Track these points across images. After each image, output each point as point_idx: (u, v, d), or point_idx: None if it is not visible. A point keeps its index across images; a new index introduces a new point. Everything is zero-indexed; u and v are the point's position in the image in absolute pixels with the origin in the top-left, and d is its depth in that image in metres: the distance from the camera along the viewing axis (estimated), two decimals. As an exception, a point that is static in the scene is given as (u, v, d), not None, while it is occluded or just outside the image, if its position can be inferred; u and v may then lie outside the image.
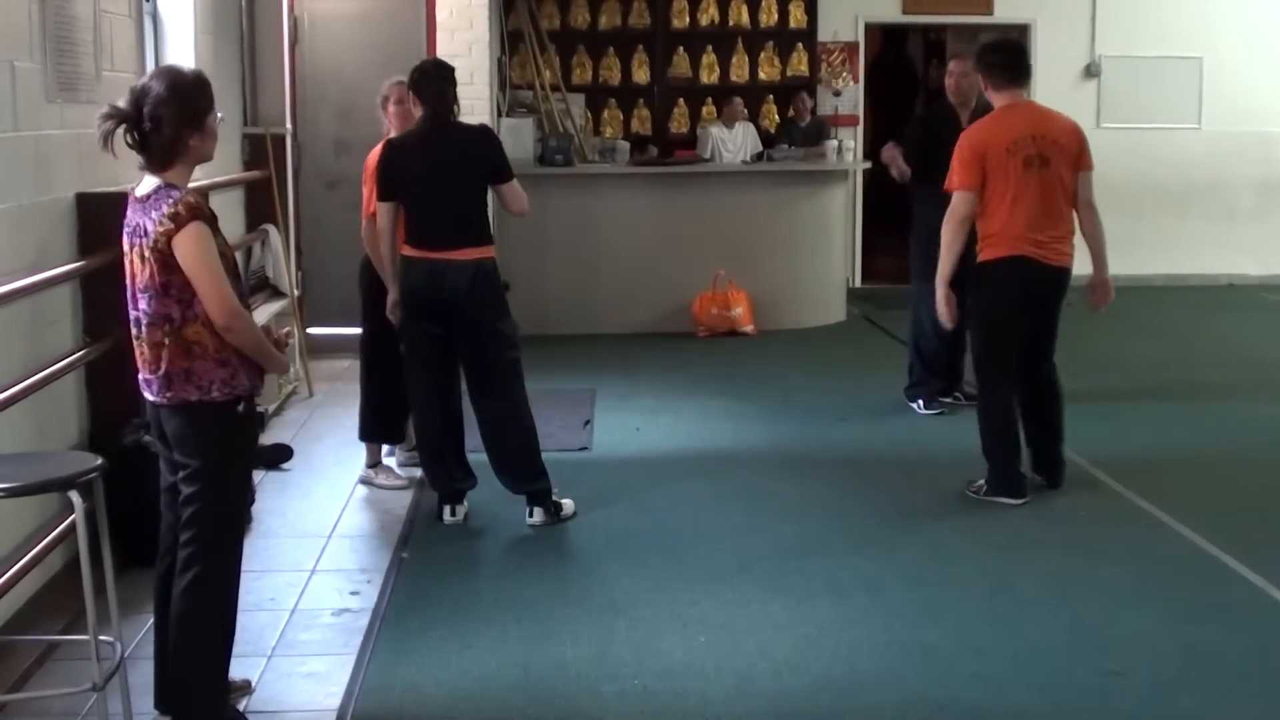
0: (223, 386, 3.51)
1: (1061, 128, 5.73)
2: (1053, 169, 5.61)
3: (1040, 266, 5.63)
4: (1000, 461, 5.77)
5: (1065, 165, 5.65)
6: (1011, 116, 5.72)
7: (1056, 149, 5.63)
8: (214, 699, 3.62)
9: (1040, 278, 5.66)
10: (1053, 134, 5.67)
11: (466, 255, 5.28)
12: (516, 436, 5.47)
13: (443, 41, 9.08)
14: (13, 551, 4.29)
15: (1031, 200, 5.59)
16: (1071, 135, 5.72)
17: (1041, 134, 5.64)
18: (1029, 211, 5.59)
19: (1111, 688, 3.96)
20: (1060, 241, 5.66)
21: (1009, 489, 5.73)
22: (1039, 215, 5.61)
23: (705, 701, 3.89)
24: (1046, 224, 5.62)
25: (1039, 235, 5.61)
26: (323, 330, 8.60)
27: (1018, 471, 5.76)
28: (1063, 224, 5.68)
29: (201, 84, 3.55)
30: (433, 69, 5.44)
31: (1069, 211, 5.71)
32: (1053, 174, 5.62)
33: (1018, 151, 5.59)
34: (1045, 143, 5.62)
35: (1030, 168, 5.58)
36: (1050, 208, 5.63)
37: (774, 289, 9.98)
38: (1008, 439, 5.78)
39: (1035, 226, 5.61)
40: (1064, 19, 12.37)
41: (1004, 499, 5.72)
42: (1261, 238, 12.73)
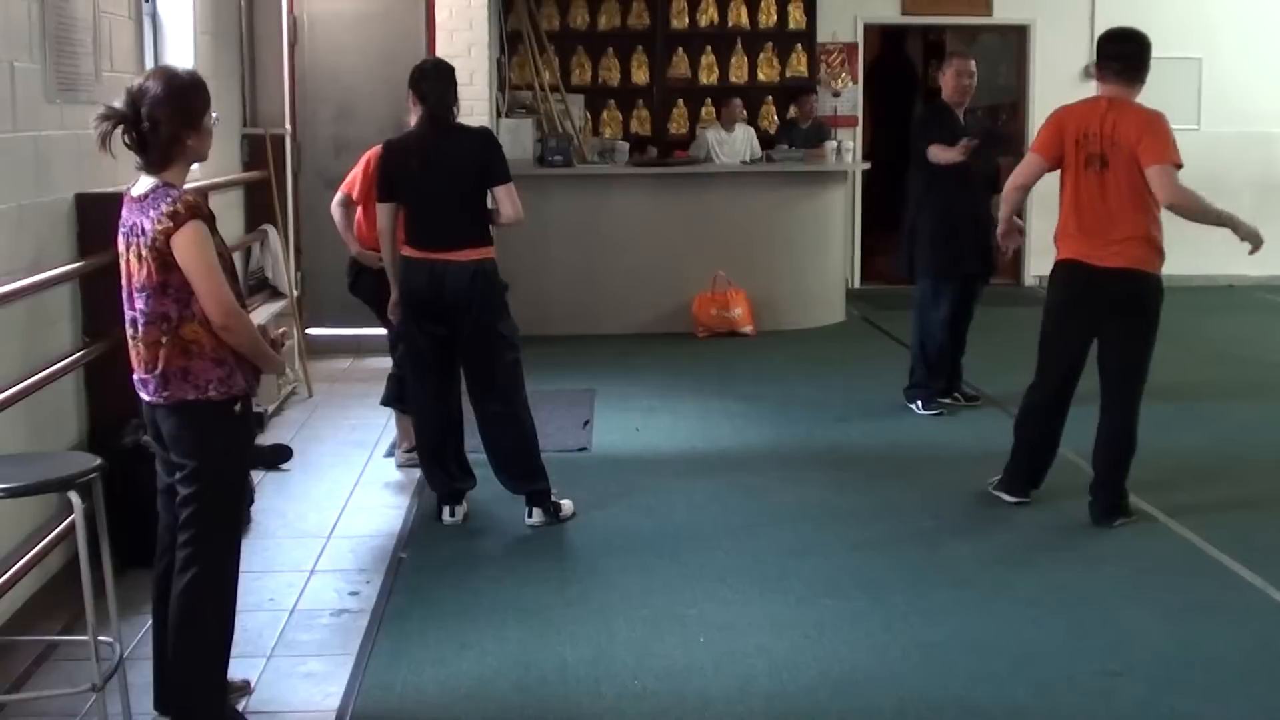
0: (220, 386, 3.51)
1: (1128, 126, 5.23)
2: (1112, 170, 5.24)
3: (1089, 270, 5.30)
4: (1014, 461, 5.74)
5: (1126, 167, 5.22)
6: (1091, 106, 5.38)
7: (1116, 150, 5.24)
8: (213, 699, 3.61)
9: (1087, 281, 5.33)
10: (1115, 133, 5.24)
11: (466, 256, 5.28)
12: (516, 437, 5.47)
13: (442, 42, 9.08)
14: (12, 552, 4.29)
15: (1089, 203, 5.30)
16: (1133, 133, 5.22)
17: (1107, 132, 5.25)
18: (1085, 214, 5.31)
19: (1111, 687, 3.96)
20: (1118, 244, 5.25)
21: (1008, 486, 5.73)
22: (1096, 218, 5.29)
23: (705, 701, 3.89)
24: (1105, 228, 5.27)
25: (1095, 238, 5.29)
26: (322, 331, 8.60)
27: (1023, 475, 5.71)
28: (1127, 228, 5.24)
29: (197, 84, 3.56)
30: (433, 69, 5.43)
31: (1139, 214, 5.25)
32: (1112, 176, 5.24)
33: (1082, 146, 5.30)
34: (1107, 142, 5.25)
35: (1090, 168, 5.29)
36: (1110, 212, 5.26)
37: (773, 289, 9.98)
38: (1028, 445, 5.69)
39: (1090, 230, 5.30)
40: (1063, 19, 12.37)
41: (1003, 494, 5.72)
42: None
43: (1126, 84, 5.37)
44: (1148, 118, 5.30)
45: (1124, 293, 5.31)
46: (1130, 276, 5.28)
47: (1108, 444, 5.48)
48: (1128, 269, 5.27)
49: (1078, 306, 5.43)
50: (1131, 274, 5.28)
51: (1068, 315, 5.47)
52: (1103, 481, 5.52)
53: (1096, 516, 5.49)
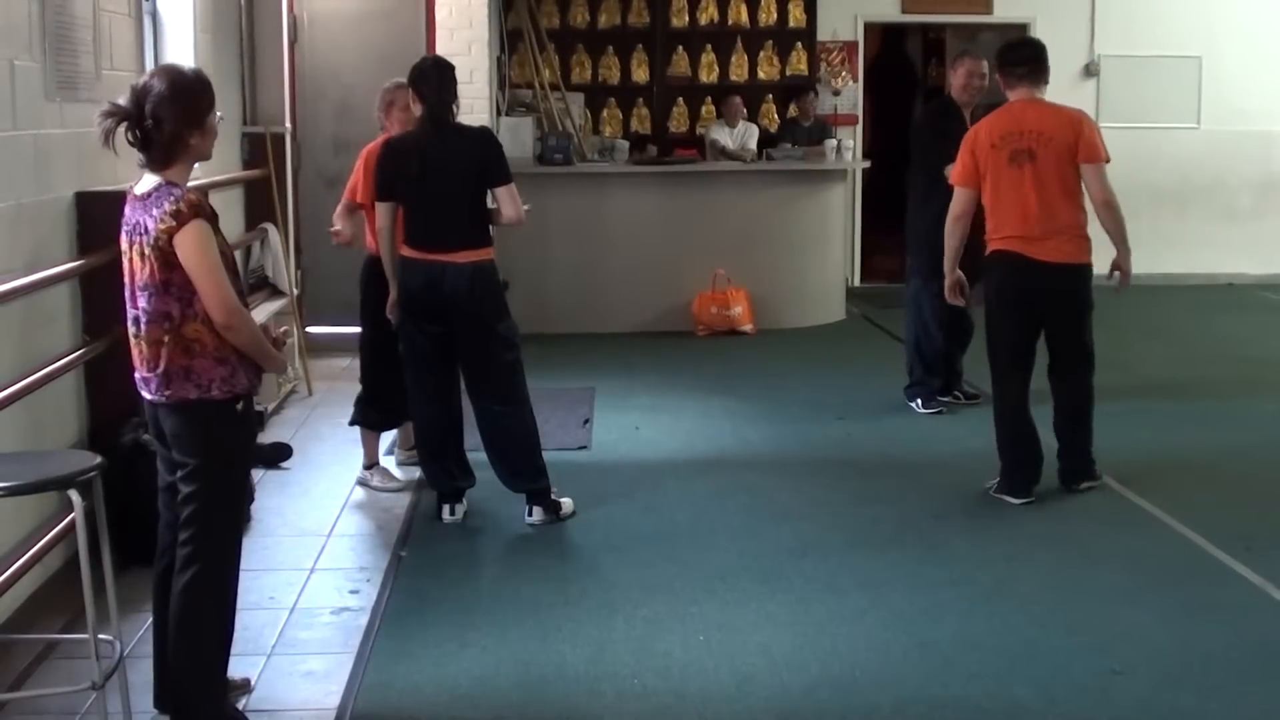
0: (222, 385, 3.51)
1: (1055, 120, 5.59)
2: (1041, 163, 5.52)
3: (1028, 263, 5.56)
4: (1005, 462, 5.77)
5: (1057, 158, 5.52)
6: (1005, 112, 5.72)
7: (1044, 142, 5.52)
8: (213, 697, 3.61)
9: (1028, 274, 5.58)
10: (1042, 127, 5.55)
11: (465, 257, 5.27)
12: (516, 436, 5.46)
13: (442, 40, 9.08)
14: (12, 550, 4.29)
15: (1018, 196, 5.55)
16: (1066, 127, 5.57)
17: (1030, 128, 5.55)
18: (1016, 207, 5.56)
19: (1111, 686, 3.96)
20: (1051, 238, 5.53)
21: (1009, 488, 5.74)
22: (1028, 211, 5.54)
23: (705, 700, 3.89)
24: (1036, 221, 5.53)
25: (1029, 231, 5.55)
26: (322, 329, 8.59)
27: (1020, 473, 5.73)
28: (1059, 220, 5.54)
29: (202, 83, 3.56)
30: (433, 68, 5.42)
31: (1072, 206, 5.57)
32: (1043, 168, 5.53)
33: (1004, 146, 5.59)
34: (1034, 137, 5.55)
35: (1016, 163, 5.55)
36: (1040, 204, 5.52)
37: (773, 288, 9.98)
38: (1014, 440, 5.75)
39: (1022, 223, 5.56)
40: (1063, 18, 12.37)
41: (1006, 497, 5.72)
42: (1261, 237, 12.73)
43: (1029, 85, 5.69)
44: (1075, 114, 5.68)
45: (1061, 286, 5.60)
46: (1068, 270, 5.58)
47: (1067, 407, 5.79)
48: (1067, 264, 5.57)
49: (1022, 299, 5.66)
50: (1068, 268, 5.57)
51: (1009, 309, 5.70)
52: (1068, 446, 5.82)
53: (1065, 480, 5.82)
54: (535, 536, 5.39)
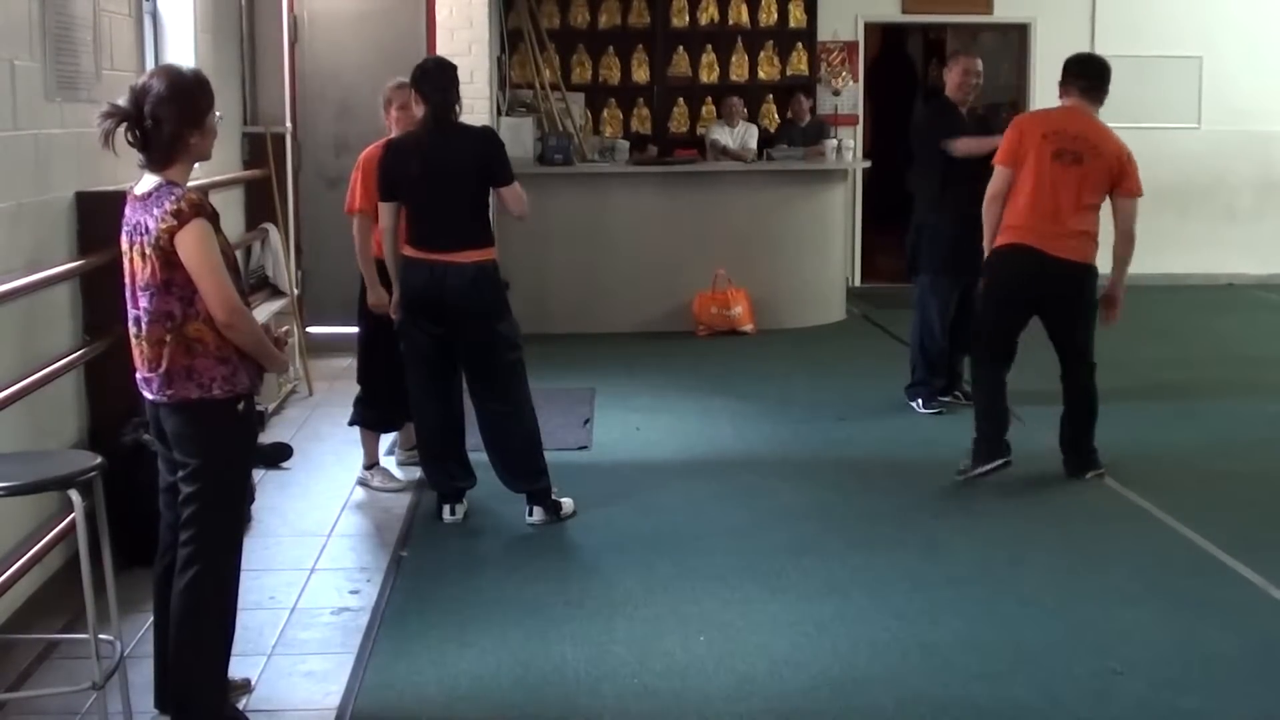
0: (223, 384, 3.51)
1: (1109, 142, 5.84)
2: (1085, 168, 5.75)
3: (1040, 256, 5.77)
4: (980, 431, 5.99)
5: (1101, 173, 5.77)
6: (1062, 112, 5.95)
7: (1096, 155, 5.76)
8: (214, 698, 3.61)
9: (1039, 267, 5.79)
10: (1096, 141, 5.80)
11: (467, 257, 5.27)
12: (517, 436, 5.46)
13: (442, 40, 9.08)
14: (12, 550, 4.29)
15: (1051, 191, 5.75)
16: (1116, 154, 5.83)
17: (1084, 135, 5.80)
18: (1046, 202, 5.75)
19: (1112, 686, 3.97)
20: (1072, 237, 5.77)
21: (987, 455, 5.92)
22: (1056, 208, 5.75)
23: (705, 700, 3.89)
24: (1062, 218, 5.75)
25: (1049, 226, 5.75)
26: (322, 329, 8.59)
27: (995, 440, 5.94)
28: (1080, 222, 5.77)
29: (202, 83, 3.56)
30: (435, 67, 5.42)
31: (1094, 216, 5.81)
32: (1083, 173, 5.75)
33: (1052, 140, 5.78)
34: (1085, 144, 5.78)
35: (1060, 160, 5.76)
36: (1071, 204, 5.74)
37: (774, 288, 9.98)
38: (989, 414, 5.99)
39: (1048, 217, 5.75)
40: (1063, 19, 12.37)
41: (985, 465, 5.91)
42: (1261, 237, 12.73)
43: (1085, 99, 5.94)
44: (1124, 145, 5.93)
45: (1070, 282, 5.83)
46: (1079, 268, 5.81)
47: (1076, 403, 5.99)
48: (1079, 262, 5.80)
49: (1030, 291, 5.88)
50: (1079, 266, 5.81)
51: (1012, 299, 5.92)
52: (1073, 438, 6.02)
53: (1071, 470, 6.02)
54: (536, 537, 5.39)
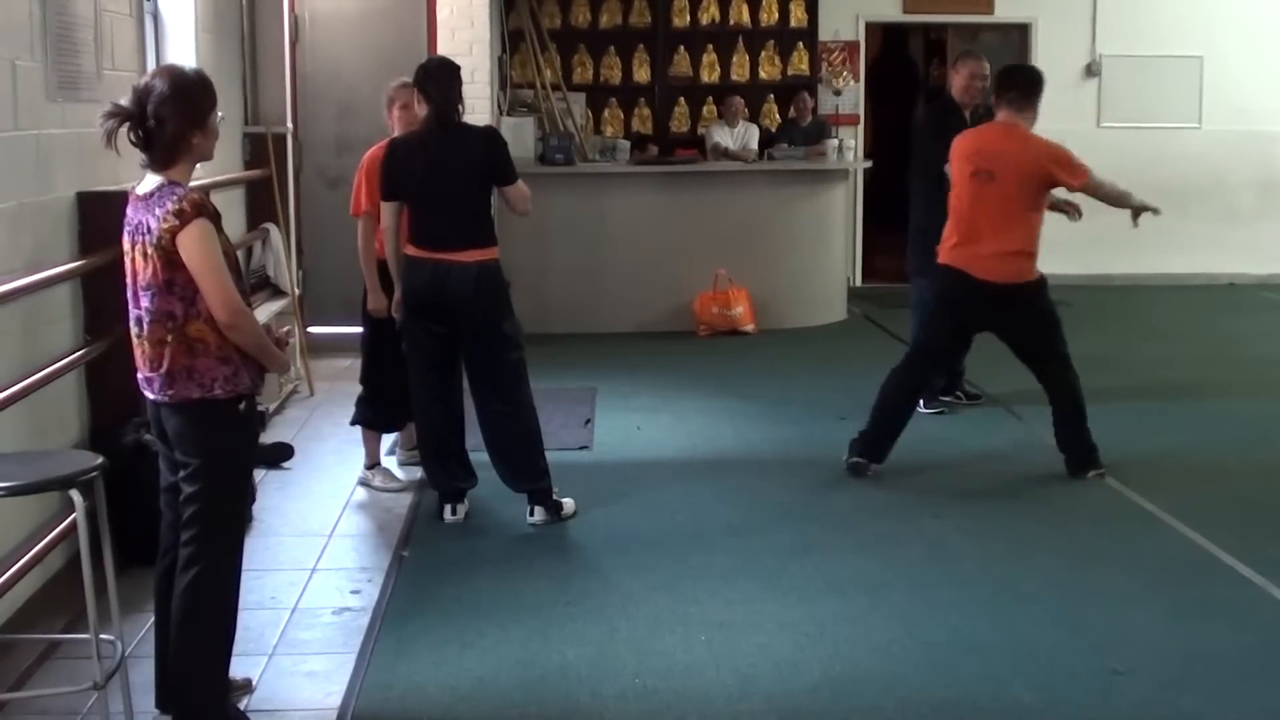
0: (225, 384, 3.51)
1: (1026, 151, 5.83)
2: (999, 185, 5.79)
3: (965, 279, 5.88)
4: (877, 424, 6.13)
5: (1017, 185, 5.78)
6: (985, 129, 6.07)
7: (1006, 169, 5.79)
8: (214, 698, 3.61)
9: (964, 290, 5.91)
10: (1007, 152, 5.82)
11: (470, 257, 5.28)
12: (519, 436, 5.46)
13: (443, 40, 9.08)
14: (13, 550, 4.29)
15: (970, 213, 5.88)
16: (1035, 159, 5.81)
17: (997, 150, 5.86)
18: (965, 223, 5.89)
19: (1113, 686, 3.96)
20: (995, 259, 5.80)
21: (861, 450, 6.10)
22: (976, 230, 5.85)
23: (706, 700, 3.89)
24: (982, 239, 5.83)
25: (972, 249, 5.85)
26: (323, 329, 8.59)
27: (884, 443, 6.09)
28: (1003, 242, 5.80)
29: (204, 83, 3.57)
30: (438, 67, 5.43)
31: (1018, 233, 5.81)
32: (998, 190, 5.80)
33: (971, 160, 5.92)
34: (995, 158, 5.83)
35: (976, 179, 5.87)
36: (991, 224, 5.81)
37: (775, 288, 9.98)
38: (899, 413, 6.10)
39: (969, 238, 5.87)
40: (1064, 18, 12.37)
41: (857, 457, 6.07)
42: (1261, 237, 12.73)
43: (1011, 109, 5.95)
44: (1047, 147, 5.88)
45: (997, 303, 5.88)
46: (1004, 289, 5.85)
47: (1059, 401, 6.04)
48: (1002, 283, 5.84)
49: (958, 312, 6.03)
50: (1003, 286, 5.84)
51: (943, 315, 6.10)
52: (1068, 437, 6.05)
53: (1072, 470, 6.04)
54: (537, 536, 5.39)
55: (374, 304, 5.72)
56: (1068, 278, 12.16)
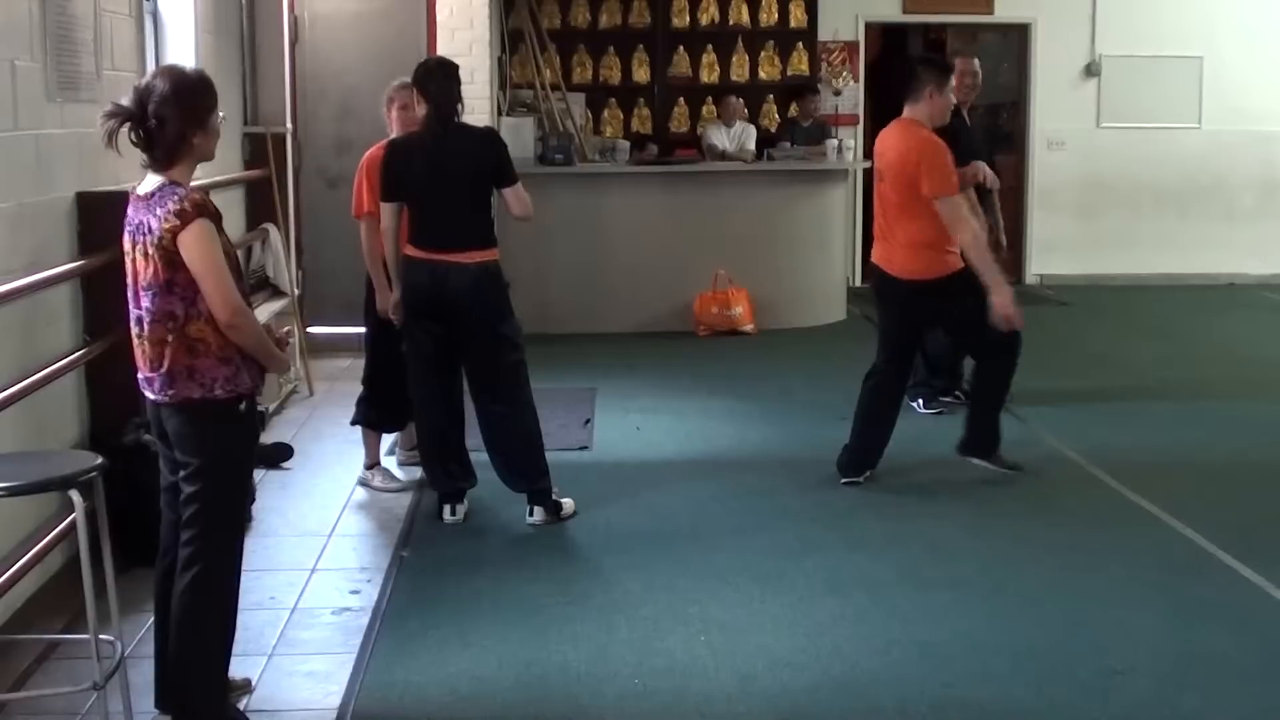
0: (225, 385, 3.52)
1: (902, 150, 5.78)
2: (886, 184, 5.89)
3: (882, 274, 5.96)
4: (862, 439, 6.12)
5: (897, 184, 5.79)
6: (883, 131, 6.06)
7: (889, 167, 5.85)
8: (214, 698, 3.62)
9: (883, 283, 5.99)
10: (892, 153, 5.84)
11: (469, 258, 5.28)
12: (518, 436, 5.46)
13: (443, 40, 9.08)
14: (13, 551, 4.29)
15: (878, 210, 6.01)
16: (907, 159, 5.72)
17: (882, 150, 5.92)
18: (876, 219, 6.03)
19: (1112, 686, 3.97)
20: (898, 250, 5.83)
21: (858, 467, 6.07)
22: (879, 226, 5.98)
23: (706, 700, 3.89)
24: (882, 233, 5.94)
25: (878, 246, 6.00)
26: (323, 329, 8.60)
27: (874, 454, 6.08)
28: (897, 235, 5.82)
29: (205, 83, 3.57)
30: (438, 67, 5.42)
31: (899, 226, 5.80)
32: (885, 189, 5.88)
33: (876, 159, 6.02)
34: (884, 159, 5.89)
35: (876, 178, 5.99)
36: (889, 219, 5.89)
37: (774, 288, 9.98)
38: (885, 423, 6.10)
39: (877, 237, 6.01)
40: (1064, 18, 12.38)
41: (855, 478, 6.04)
42: (1262, 237, 12.73)
43: (910, 104, 5.87)
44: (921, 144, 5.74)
45: (889, 290, 5.93)
46: (894, 281, 5.87)
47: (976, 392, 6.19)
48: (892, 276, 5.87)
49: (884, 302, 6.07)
50: (893, 280, 5.87)
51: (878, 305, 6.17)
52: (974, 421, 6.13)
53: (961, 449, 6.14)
54: (536, 537, 5.39)
55: (383, 304, 5.69)
56: (1068, 278, 12.22)
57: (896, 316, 6.01)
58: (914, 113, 5.85)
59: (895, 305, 5.97)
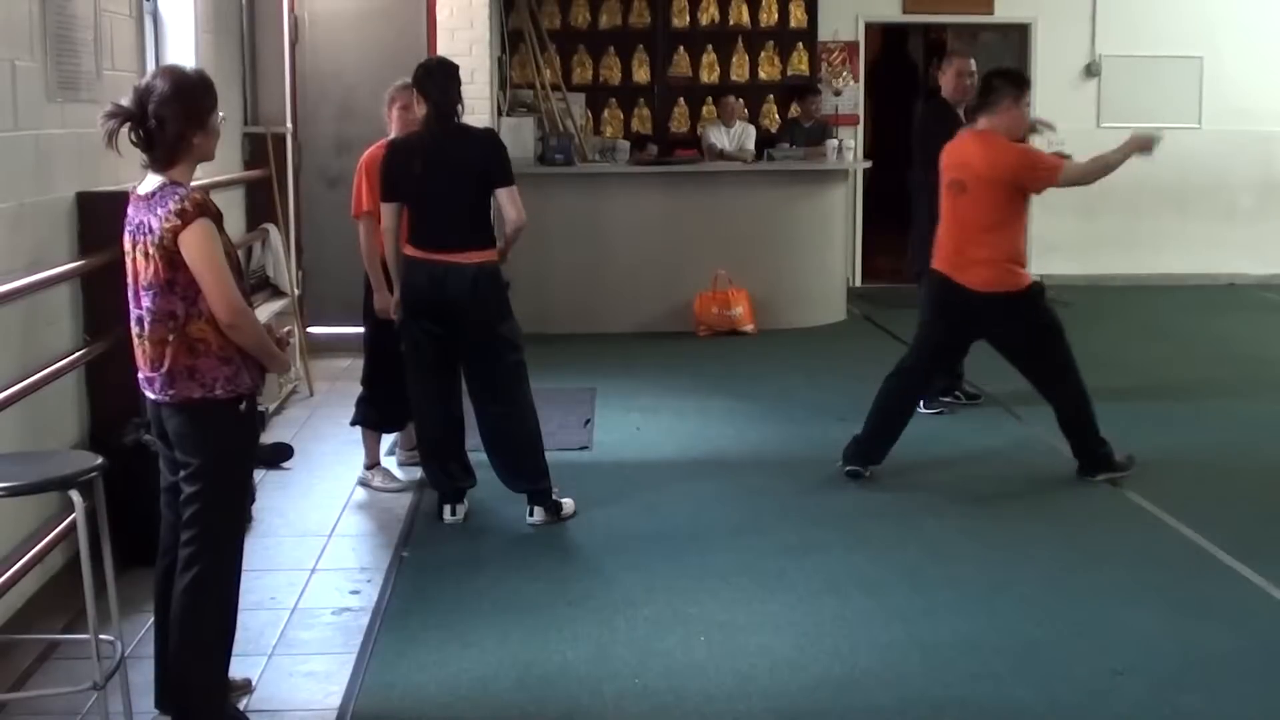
0: (226, 384, 3.52)
1: (990, 159, 5.79)
2: (970, 196, 5.83)
3: (950, 283, 5.91)
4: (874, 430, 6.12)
5: (984, 195, 5.77)
6: (958, 140, 6.06)
7: (976, 179, 5.81)
8: (214, 698, 3.62)
9: (949, 292, 5.92)
10: (976, 165, 5.82)
11: (469, 258, 5.28)
12: (518, 437, 5.46)
13: (443, 40, 9.08)
14: (13, 551, 4.29)
15: (947, 222, 5.95)
16: (1000, 168, 5.76)
17: (965, 162, 5.88)
18: (946, 231, 5.95)
19: (1112, 686, 3.97)
20: (972, 266, 5.82)
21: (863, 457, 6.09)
22: (953, 238, 5.91)
23: (706, 700, 3.89)
24: (960, 247, 5.87)
25: (953, 258, 5.90)
26: (323, 329, 8.60)
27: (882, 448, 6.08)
28: (977, 249, 5.81)
29: (205, 83, 3.57)
30: (437, 67, 5.42)
31: (981, 239, 5.80)
32: (969, 201, 5.83)
33: (947, 171, 5.96)
34: (967, 171, 5.85)
35: (951, 191, 5.93)
36: (963, 233, 5.85)
37: (774, 288, 9.98)
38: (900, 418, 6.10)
39: (950, 249, 5.93)
40: (1064, 19, 12.38)
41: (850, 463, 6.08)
42: (1262, 237, 12.73)
43: (987, 116, 5.92)
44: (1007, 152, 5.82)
45: (975, 308, 5.88)
46: (980, 297, 5.84)
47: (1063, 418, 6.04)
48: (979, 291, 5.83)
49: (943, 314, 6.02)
50: (980, 295, 5.83)
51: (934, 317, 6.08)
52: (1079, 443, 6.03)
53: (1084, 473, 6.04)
54: (536, 537, 5.39)
55: (380, 304, 5.70)
56: (1068, 278, 12.20)
57: (955, 326, 6.00)
58: (991, 124, 5.87)
59: (958, 314, 5.94)
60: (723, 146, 11.05)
